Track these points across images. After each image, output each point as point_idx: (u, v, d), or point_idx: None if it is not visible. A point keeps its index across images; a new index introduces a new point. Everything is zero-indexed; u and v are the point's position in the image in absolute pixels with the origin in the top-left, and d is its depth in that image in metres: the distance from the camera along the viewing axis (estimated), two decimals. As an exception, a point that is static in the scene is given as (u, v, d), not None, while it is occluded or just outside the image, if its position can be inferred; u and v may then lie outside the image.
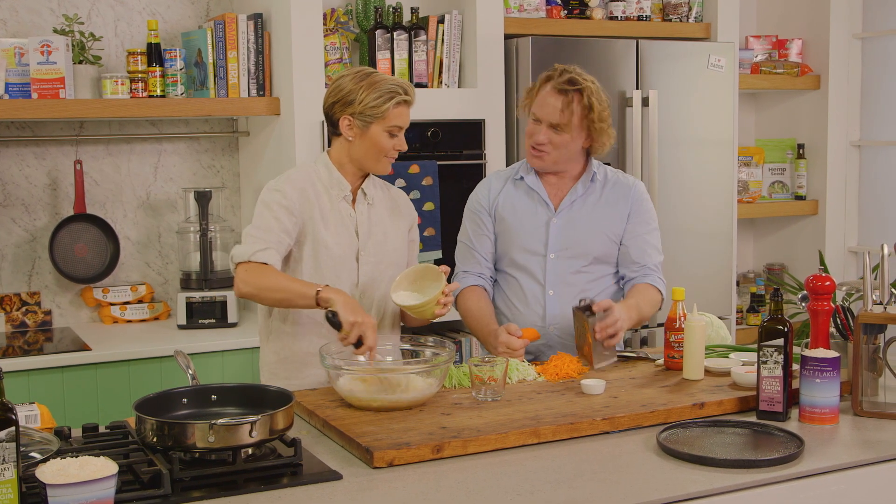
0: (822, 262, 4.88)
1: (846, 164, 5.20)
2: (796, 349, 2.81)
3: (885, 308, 2.56)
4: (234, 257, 2.78)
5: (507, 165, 4.21)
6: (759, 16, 5.44)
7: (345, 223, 2.88)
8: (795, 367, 2.59)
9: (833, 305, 2.65)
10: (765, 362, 2.45)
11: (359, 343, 2.58)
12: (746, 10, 5.31)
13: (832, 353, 2.45)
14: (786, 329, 2.44)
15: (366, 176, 2.95)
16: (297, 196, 2.83)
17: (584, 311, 2.84)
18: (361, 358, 2.63)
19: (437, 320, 2.85)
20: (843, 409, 2.51)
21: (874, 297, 2.58)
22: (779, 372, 2.44)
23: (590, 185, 3.15)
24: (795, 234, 5.35)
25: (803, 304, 2.78)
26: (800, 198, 5.25)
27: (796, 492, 2.13)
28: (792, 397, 2.50)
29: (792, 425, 2.42)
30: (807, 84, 5.14)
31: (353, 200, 2.92)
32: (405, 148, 2.89)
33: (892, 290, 2.59)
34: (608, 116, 3.07)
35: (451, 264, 3.21)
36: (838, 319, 2.77)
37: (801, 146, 5.24)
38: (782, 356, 2.44)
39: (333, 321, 2.60)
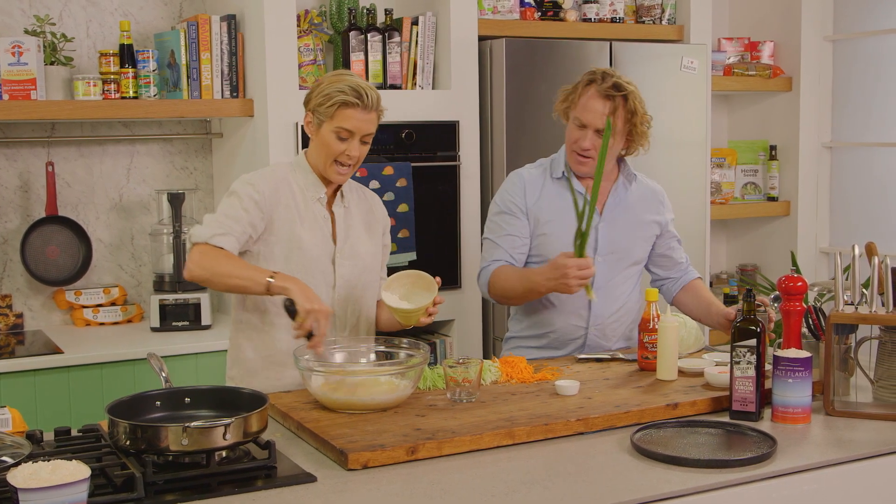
0: (794, 263, 4.91)
1: (818, 165, 5.24)
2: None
3: (857, 308, 2.58)
4: (192, 237, 2.73)
5: (481, 167, 4.22)
6: (732, 18, 5.48)
7: (319, 225, 2.87)
8: (768, 367, 2.60)
9: (805, 306, 2.67)
10: (738, 363, 2.47)
11: (310, 335, 2.57)
12: (719, 12, 5.34)
13: (804, 354, 2.47)
14: (758, 329, 2.46)
15: None
16: (270, 193, 2.81)
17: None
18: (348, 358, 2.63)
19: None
20: (815, 409, 2.53)
21: (845, 297, 2.60)
22: (751, 372, 2.46)
23: (629, 186, 3.19)
24: (768, 235, 5.38)
25: (776, 305, 2.80)
26: (772, 199, 5.28)
27: (769, 491, 2.14)
28: (764, 397, 2.51)
29: (764, 425, 2.44)
30: (779, 86, 5.18)
31: (329, 203, 2.91)
32: (355, 154, 2.79)
33: (863, 290, 2.61)
34: (648, 118, 3.10)
35: (425, 265, 3.20)
36: (810, 320, 2.79)
37: (773, 147, 5.28)
38: (755, 356, 2.45)
39: (291, 310, 2.59)
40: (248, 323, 2.90)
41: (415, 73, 4.16)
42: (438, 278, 2.77)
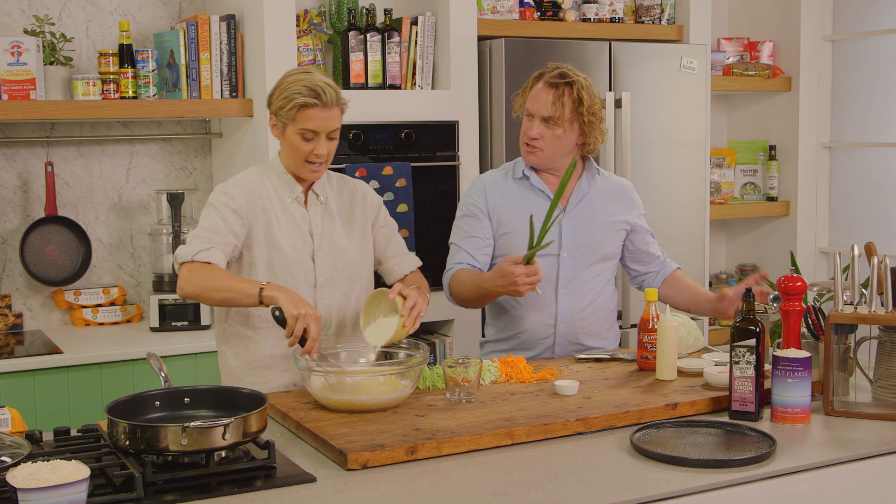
0: (793, 263, 4.89)
1: (817, 165, 5.24)
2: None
3: (856, 308, 2.58)
4: (178, 257, 2.74)
5: (480, 167, 4.22)
6: (731, 18, 5.47)
7: (297, 224, 2.86)
8: (767, 367, 2.61)
9: (804, 306, 2.67)
10: (737, 363, 2.47)
11: (303, 341, 2.56)
12: (718, 12, 5.34)
13: (803, 354, 2.47)
14: (757, 329, 2.46)
15: None
16: (245, 198, 2.81)
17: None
18: (342, 364, 2.63)
19: None
20: (814, 409, 2.53)
21: (845, 297, 2.60)
22: (751, 372, 2.46)
23: (592, 181, 3.18)
24: (767, 235, 5.38)
25: (775, 305, 2.80)
26: (771, 199, 5.28)
27: (768, 491, 2.15)
28: (764, 397, 2.51)
29: (764, 425, 2.44)
30: (778, 86, 5.17)
31: (306, 201, 2.91)
32: (323, 152, 2.78)
33: (863, 290, 2.61)
34: (599, 111, 3.11)
35: (424, 265, 3.20)
36: (809, 320, 2.79)
37: (772, 147, 5.28)
38: (754, 356, 2.45)
39: (280, 318, 2.59)
40: (230, 331, 2.90)
41: (414, 73, 4.16)
42: (395, 287, 2.73)
